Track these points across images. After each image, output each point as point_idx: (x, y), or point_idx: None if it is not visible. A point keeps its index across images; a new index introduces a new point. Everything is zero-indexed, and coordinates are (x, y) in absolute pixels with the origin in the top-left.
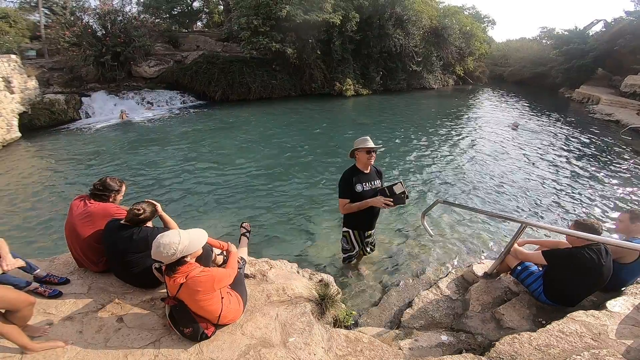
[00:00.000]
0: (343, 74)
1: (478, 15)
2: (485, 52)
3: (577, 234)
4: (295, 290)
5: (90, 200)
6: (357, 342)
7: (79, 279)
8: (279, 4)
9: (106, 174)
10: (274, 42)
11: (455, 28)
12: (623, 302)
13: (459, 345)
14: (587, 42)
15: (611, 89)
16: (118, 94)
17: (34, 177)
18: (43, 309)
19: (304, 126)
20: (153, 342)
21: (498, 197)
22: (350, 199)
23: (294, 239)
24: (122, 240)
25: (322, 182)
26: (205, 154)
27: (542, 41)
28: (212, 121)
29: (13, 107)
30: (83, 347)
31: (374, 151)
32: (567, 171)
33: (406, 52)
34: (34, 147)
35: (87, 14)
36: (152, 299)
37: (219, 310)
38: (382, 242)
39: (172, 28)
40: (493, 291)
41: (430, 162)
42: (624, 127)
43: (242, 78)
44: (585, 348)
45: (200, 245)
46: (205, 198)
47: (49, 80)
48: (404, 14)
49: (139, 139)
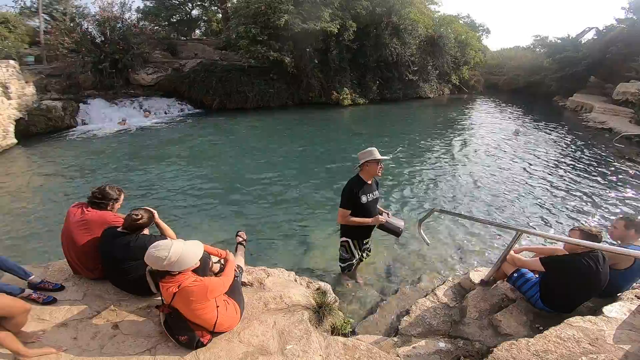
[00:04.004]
0: (340, 83)
1: (473, 24)
2: (480, 61)
3: (572, 240)
4: (292, 298)
5: (88, 208)
6: (354, 349)
7: (74, 285)
8: (277, 13)
9: (102, 181)
10: (272, 51)
11: (450, 37)
12: (619, 307)
13: (457, 352)
14: (579, 50)
15: (604, 97)
16: (115, 101)
17: (30, 184)
18: (37, 315)
19: (301, 135)
20: (149, 349)
21: (494, 205)
22: (353, 210)
23: (291, 247)
24: (119, 247)
25: (319, 191)
26: (202, 162)
27: (535, 49)
28: (209, 129)
29: (10, 113)
30: (77, 354)
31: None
32: (561, 179)
33: (402, 62)
34: (30, 154)
35: (87, 21)
36: (148, 306)
37: (214, 319)
38: (379, 251)
39: (171, 36)
40: (490, 298)
41: (427, 170)
42: (616, 135)
43: (240, 86)
44: (582, 353)
45: (193, 262)
46: (201, 206)
47: (46, 86)
48: (400, 24)
49: (136, 146)
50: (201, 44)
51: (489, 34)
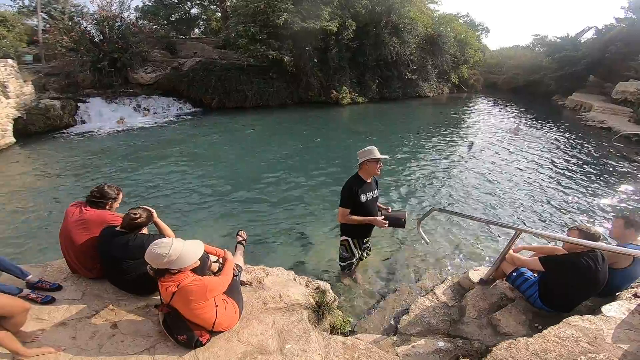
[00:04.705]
0: (339, 82)
1: (472, 23)
2: (480, 60)
3: (571, 240)
4: (291, 297)
5: (87, 207)
6: (354, 349)
7: (73, 285)
8: (276, 11)
9: (101, 180)
10: (271, 50)
11: (450, 36)
12: (618, 306)
13: (456, 352)
14: (579, 50)
15: (603, 96)
16: (114, 100)
17: (28, 183)
18: (36, 314)
19: (300, 134)
20: (148, 348)
21: (493, 204)
22: (353, 209)
23: (290, 247)
24: (118, 247)
25: (318, 190)
26: (200, 162)
27: (535, 49)
28: (208, 128)
29: (8, 112)
30: (76, 353)
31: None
32: (560, 178)
33: (402, 60)
34: (29, 153)
35: (86, 20)
36: (147, 306)
37: (213, 318)
38: (378, 250)
39: (170, 34)
40: (489, 297)
41: (426, 169)
42: (615, 134)
43: (239, 85)
44: (582, 353)
45: (193, 261)
46: (200, 205)
47: (45, 85)
48: (399, 22)
49: (135, 145)
50: (200, 43)
51: (488, 33)
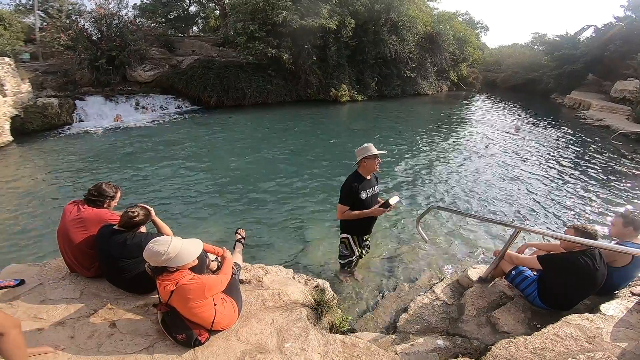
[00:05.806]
0: (338, 80)
1: (472, 21)
2: (479, 58)
3: (570, 238)
4: (290, 295)
5: (84, 206)
6: (353, 347)
7: (71, 284)
8: (275, 9)
9: (99, 179)
10: (270, 48)
11: (449, 34)
12: (617, 305)
13: (455, 350)
14: (578, 48)
15: (602, 95)
16: (112, 98)
17: (25, 182)
18: (34, 314)
19: (298, 132)
20: (146, 347)
21: (493, 203)
22: (353, 206)
23: (289, 245)
24: (116, 245)
25: (317, 188)
26: (199, 160)
27: (534, 47)
28: (206, 126)
29: (5, 110)
30: (75, 353)
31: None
32: (559, 177)
33: (401, 58)
34: (26, 151)
35: (83, 17)
36: (146, 305)
37: (212, 317)
38: (377, 248)
39: (168, 32)
40: (488, 295)
41: (425, 167)
42: (614, 132)
43: (238, 83)
44: (580, 351)
45: (191, 259)
46: (199, 204)
47: (42, 83)
48: (398, 20)
49: (133, 143)
50: (199, 41)
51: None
